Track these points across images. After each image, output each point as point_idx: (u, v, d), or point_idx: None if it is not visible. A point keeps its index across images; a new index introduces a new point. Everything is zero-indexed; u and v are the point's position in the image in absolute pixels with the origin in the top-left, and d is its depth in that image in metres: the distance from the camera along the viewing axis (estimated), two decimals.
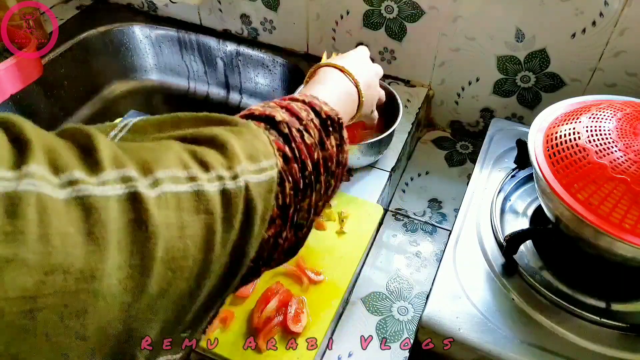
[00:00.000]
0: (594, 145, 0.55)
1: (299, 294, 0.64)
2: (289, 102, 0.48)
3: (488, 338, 0.57)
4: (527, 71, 0.85)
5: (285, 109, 0.46)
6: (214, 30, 1.09)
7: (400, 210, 0.86)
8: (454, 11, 0.84)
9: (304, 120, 0.46)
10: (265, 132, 0.41)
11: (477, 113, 0.95)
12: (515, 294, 0.60)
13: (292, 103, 0.47)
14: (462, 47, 0.87)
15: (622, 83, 0.80)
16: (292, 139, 0.43)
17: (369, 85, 0.62)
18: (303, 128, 0.45)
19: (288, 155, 0.41)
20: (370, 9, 0.90)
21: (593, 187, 0.53)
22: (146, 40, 1.13)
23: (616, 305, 0.60)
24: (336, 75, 0.59)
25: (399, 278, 0.76)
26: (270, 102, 0.48)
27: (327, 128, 0.48)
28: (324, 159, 0.46)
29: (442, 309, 0.59)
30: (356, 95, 0.59)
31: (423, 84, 0.96)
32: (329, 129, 0.48)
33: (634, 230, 0.51)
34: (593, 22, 0.75)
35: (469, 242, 0.66)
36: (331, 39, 0.98)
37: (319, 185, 0.45)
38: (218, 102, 1.15)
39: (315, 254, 0.68)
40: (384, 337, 0.69)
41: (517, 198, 0.72)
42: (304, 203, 0.43)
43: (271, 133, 0.42)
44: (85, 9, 1.14)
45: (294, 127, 0.44)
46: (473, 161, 0.94)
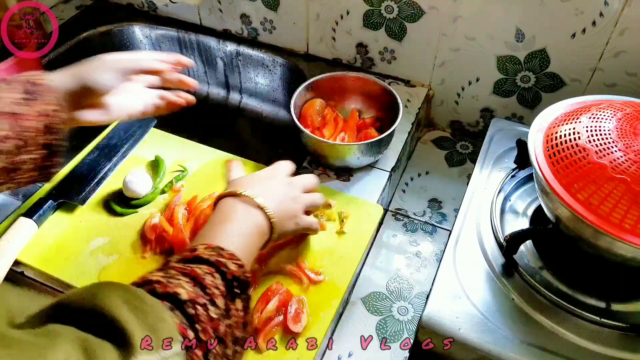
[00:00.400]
0: (594, 145, 0.55)
1: (299, 294, 0.64)
2: (193, 266, 0.46)
3: (488, 338, 0.57)
4: (527, 71, 0.85)
5: (189, 276, 0.45)
6: (214, 30, 1.09)
7: (400, 210, 0.86)
8: (454, 11, 0.84)
9: (209, 288, 0.44)
10: (169, 315, 0.39)
11: (477, 113, 0.95)
12: (515, 294, 0.60)
13: (196, 268, 0.46)
14: (462, 47, 0.87)
15: (622, 83, 0.80)
16: (198, 319, 0.41)
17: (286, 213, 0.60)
18: (208, 299, 0.43)
19: (191, 343, 0.40)
20: (370, 9, 0.90)
21: (593, 187, 0.53)
22: (146, 40, 1.13)
23: (616, 305, 0.60)
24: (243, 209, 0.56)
25: (399, 278, 0.76)
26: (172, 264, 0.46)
27: (233, 291, 0.47)
28: (229, 327, 0.44)
29: (442, 309, 0.59)
30: (267, 227, 0.57)
31: (423, 84, 0.96)
32: (235, 291, 0.47)
33: (634, 230, 0.51)
34: (593, 22, 0.75)
35: (469, 242, 0.66)
36: (331, 39, 0.98)
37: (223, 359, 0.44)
38: (218, 102, 1.15)
39: (315, 254, 0.68)
40: (384, 337, 0.69)
41: (517, 198, 0.72)
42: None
43: (176, 315, 0.40)
44: (85, 9, 1.14)
45: (198, 303, 0.42)
46: (473, 161, 0.94)
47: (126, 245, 0.69)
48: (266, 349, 0.58)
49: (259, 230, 0.56)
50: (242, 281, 0.48)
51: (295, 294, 0.63)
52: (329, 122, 0.85)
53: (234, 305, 0.46)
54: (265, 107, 1.12)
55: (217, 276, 0.46)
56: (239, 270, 0.48)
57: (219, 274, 0.47)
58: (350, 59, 1.00)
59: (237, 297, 0.47)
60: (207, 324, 0.42)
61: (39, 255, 0.68)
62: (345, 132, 0.83)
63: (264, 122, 1.12)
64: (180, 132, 0.88)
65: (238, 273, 0.48)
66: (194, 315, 0.41)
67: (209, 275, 0.46)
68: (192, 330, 0.40)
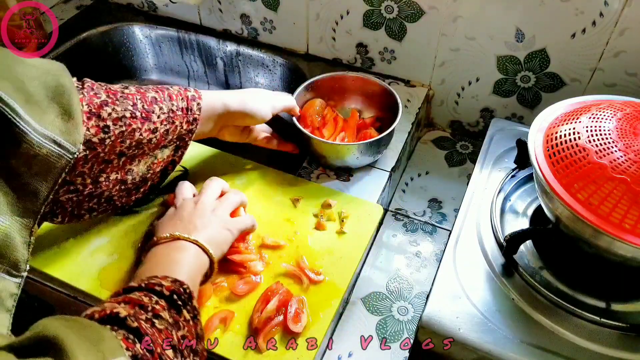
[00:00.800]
0: (594, 145, 0.55)
1: (299, 294, 0.64)
2: (124, 295, 0.46)
3: (488, 338, 0.57)
4: (527, 71, 0.85)
5: (124, 302, 0.44)
6: (214, 30, 1.09)
7: (400, 210, 0.86)
8: (454, 11, 0.84)
9: (149, 306, 0.44)
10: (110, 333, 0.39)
11: (477, 113, 0.95)
12: (515, 294, 0.60)
13: (128, 295, 0.46)
14: (462, 47, 0.87)
15: (622, 83, 0.80)
16: (144, 330, 0.41)
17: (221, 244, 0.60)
18: (151, 315, 0.43)
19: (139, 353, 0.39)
20: (370, 9, 0.90)
21: (593, 187, 0.53)
22: (146, 40, 1.13)
23: (616, 305, 0.60)
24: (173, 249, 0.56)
25: (399, 278, 0.76)
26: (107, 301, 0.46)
27: (176, 304, 0.47)
28: (183, 338, 0.44)
29: (442, 309, 0.59)
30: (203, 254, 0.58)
31: (423, 84, 0.96)
32: (178, 304, 0.47)
33: (633, 230, 0.51)
34: (593, 22, 0.75)
35: (469, 242, 0.66)
36: (331, 39, 0.98)
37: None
38: None
39: (315, 254, 0.68)
40: (384, 337, 0.69)
41: (517, 198, 0.72)
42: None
43: (118, 333, 0.40)
44: (85, 9, 1.14)
45: (140, 318, 0.42)
46: (473, 161, 0.94)
47: (126, 245, 0.69)
48: (266, 349, 0.58)
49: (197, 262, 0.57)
50: (181, 293, 0.48)
51: (295, 294, 0.63)
52: (328, 122, 0.85)
53: (182, 316, 0.46)
54: None
55: (152, 296, 0.46)
56: (174, 285, 0.48)
57: (154, 294, 0.47)
58: (350, 59, 1.00)
59: (183, 309, 0.47)
60: (156, 335, 0.42)
61: (39, 255, 0.68)
62: (345, 132, 0.83)
63: None
64: None
65: (175, 287, 0.48)
66: (138, 327, 0.41)
67: (145, 297, 0.46)
68: (140, 342, 0.40)
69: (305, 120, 0.83)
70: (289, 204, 0.74)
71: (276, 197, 0.75)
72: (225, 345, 0.59)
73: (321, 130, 0.83)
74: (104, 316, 0.42)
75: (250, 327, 0.60)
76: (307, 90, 0.85)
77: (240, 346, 0.59)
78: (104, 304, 0.45)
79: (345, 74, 0.87)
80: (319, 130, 0.83)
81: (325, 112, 0.86)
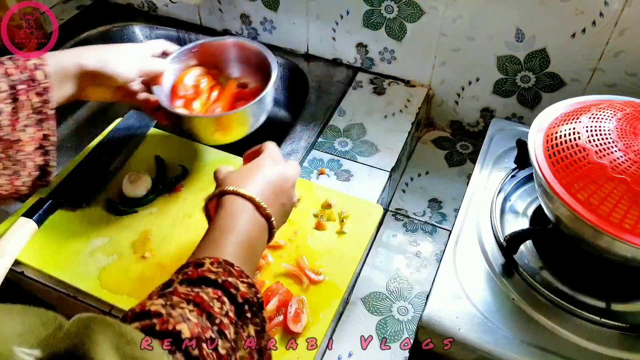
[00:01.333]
0: (594, 145, 0.55)
1: (299, 294, 0.64)
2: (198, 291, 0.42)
3: (488, 338, 0.57)
4: (527, 71, 0.85)
5: (194, 303, 0.40)
6: (214, 30, 1.09)
7: (400, 210, 0.86)
8: (454, 11, 0.84)
9: (217, 317, 0.40)
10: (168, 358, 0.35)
11: (477, 113, 0.95)
12: (515, 294, 0.60)
13: (201, 293, 0.41)
14: (462, 47, 0.87)
15: (622, 83, 0.80)
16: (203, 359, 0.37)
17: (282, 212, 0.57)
18: (217, 331, 0.39)
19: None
20: (370, 9, 0.90)
21: (593, 187, 0.53)
22: (146, 41, 1.12)
23: (616, 305, 0.60)
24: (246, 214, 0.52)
25: (399, 278, 0.76)
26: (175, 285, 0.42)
27: (244, 316, 0.43)
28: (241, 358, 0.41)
29: (442, 309, 0.59)
30: (266, 229, 0.54)
31: (423, 84, 0.96)
32: (246, 315, 0.43)
33: (633, 230, 0.51)
34: (593, 22, 0.75)
35: (469, 242, 0.66)
36: (331, 39, 0.98)
37: None
38: None
39: (315, 254, 0.68)
40: (384, 337, 0.69)
41: (517, 198, 0.72)
42: None
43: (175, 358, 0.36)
44: (85, 9, 1.14)
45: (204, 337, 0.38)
46: (473, 161, 0.94)
47: (126, 245, 0.69)
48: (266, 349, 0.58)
49: (263, 241, 0.54)
50: (254, 303, 0.44)
51: (295, 294, 0.63)
52: (202, 92, 0.76)
53: (245, 332, 0.43)
54: None
55: (225, 300, 0.42)
56: (250, 292, 0.44)
57: (228, 298, 0.43)
58: (350, 59, 1.00)
59: (250, 322, 0.43)
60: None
61: (39, 255, 0.68)
62: (219, 102, 0.76)
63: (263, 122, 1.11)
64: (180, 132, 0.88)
65: (249, 295, 0.44)
66: (198, 356, 0.37)
67: (217, 302, 0.41)
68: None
69: (177, 91, 0.75)
70: None
71: None
72: None
73: (191, 102, 0.75)
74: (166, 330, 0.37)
75: None
76: (187, 57, 0.78)
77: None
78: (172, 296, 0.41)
79: (225, 39, 0.80)
80: (189, 103, 0.75)
81: (200, 82, 0.77)
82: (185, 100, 0.75)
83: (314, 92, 0.96)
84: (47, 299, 0.73)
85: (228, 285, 0.43)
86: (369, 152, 0.85)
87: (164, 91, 0.74)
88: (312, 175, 0.81)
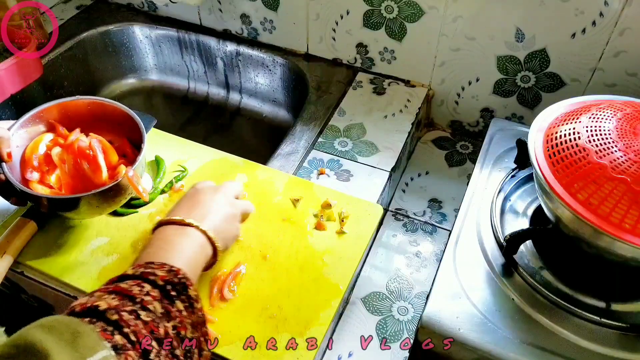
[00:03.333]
0: (594, 145, 0.55)
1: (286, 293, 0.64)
2: (117, 283, 0.46)
3: (488, 338, 0.57)
4: (527, 71, 0.85)
5: (114, 292, 0.44)
6: (214, 30, 1.09)
7: (400, 210, 0.86)
8: (454, 11, 0.84)
9: (138, 297, 0.44)
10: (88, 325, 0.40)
11: (477, 113, 0.95)
12: (515, 294, 0.60)
13: (120, 284, 0.46)
14: (462, 47, 0.87)
15: (622, 83, 0.80)
16: (125, 323, 0.41)
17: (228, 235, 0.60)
18: (139, 306, 0.43)
19: (119, 344, 0.39)
20: (370, 9, 0.90)
21: (593, 187, 0.53)
22: (146, 40, 1.13)
23: (616, 305, 0.60)
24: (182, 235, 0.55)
25: (399, 278, 0.76)
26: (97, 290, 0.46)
27: (169, 295, 0.46)
28: (174, 328, 0.44)
29: (442, 309, 0.59)
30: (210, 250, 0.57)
31: (423, 84, 0.96)
32: (171, 294, 0.47)
33: (633, 230, 0.51)
34: (593, 22, 0.75)
35: (469, 242, 0.66)
36: (331, 39, 0.98)
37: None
38: (218, 102, 1.15)
39: (315, 254, 0.68)
40: (384, 337, 0.69)
41: (517, 198, 0.72)
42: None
43: (96, 325, 0.40)
44: (85, 9, 1.14)
45: (124, 310, 0.42)
46: (473, 161, 0.94)
47: (126, 245, 0.69)
48: (266, 348, 0.59)
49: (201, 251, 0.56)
50: (176, 283, 0.48)
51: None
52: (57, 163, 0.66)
53: (175, 307, 0.46)
54: (265, 107, 1.12)
55: (145, 285, 0.46)
56: (169, 275, 0.48)
57: (148, 283, 0.46)
58: (350, 59, 1.00)
59: (176, 299, 0.47)
60: (140, 327, 0.42)
61: (39, 255, 0.68)
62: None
63: (264, 122, 1.12)
64: (180, 132, 0.88)
65: (169, 277, 0.47)
66: (118, 319, 0.41)
67: (136, 287, 0.45)
68: (120, 334, 0.40)
69: (31, 163, 0.65)
70: (289, 204, 0.74)
71: (276, 197, 0.75)
72: (225, 345, 0.59)
73: (45, 175, 0.66)
74: (85, 309, 0.42)
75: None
76: (35, 123, 0.67)
77: (240, 346, 0.59)
78: (92, 295, 0.45)
79: (78, 99, 0.69)
80: (47, 175, 0.67)
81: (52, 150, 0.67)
82: (41, 173, 0.66)
83: (314, 92, 0.96)
84: (47, 299, 0.73)
85: (146, 275, 0.47)
86: (369, 152, 0.85)
87: (15, 167, 0.64)
88: (312, 175, 0.81)
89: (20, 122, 0.66)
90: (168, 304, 0.46)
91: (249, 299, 0.63)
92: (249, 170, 0.79)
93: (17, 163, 0.65)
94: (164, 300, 0.46)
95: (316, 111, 0.92)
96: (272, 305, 0.63)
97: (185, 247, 0.54)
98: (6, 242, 0.67)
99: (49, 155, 0.67)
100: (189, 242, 0.55)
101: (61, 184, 0.66)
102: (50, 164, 0.67)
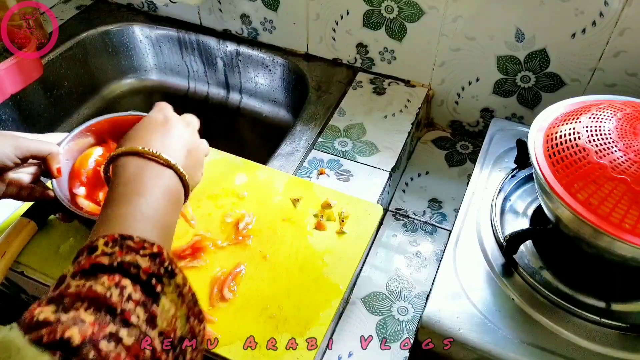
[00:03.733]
0: (594, 145, 0.55)
1: None
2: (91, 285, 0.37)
3: (488, 338, 0.57)
4: (527, 71, 0.85)
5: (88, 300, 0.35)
6: (214, 30, 1.09)
7: (400, 210, 0.86)
8: (454, 11, 0.84)
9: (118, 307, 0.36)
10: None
11: (477, 113, 0.95)
12: (515, 294, 0.60)
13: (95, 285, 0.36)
14: (462, 47, 0.87)
15: (622, 83, 0.80)
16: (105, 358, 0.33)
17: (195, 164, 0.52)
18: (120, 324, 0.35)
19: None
20: (370, 9, 0.90)
21: (593, 187, 0.53)
22: (146, 40, 1.13)
23: (616, 305, 0.60)
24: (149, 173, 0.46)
25: (399, 278, 0.76)
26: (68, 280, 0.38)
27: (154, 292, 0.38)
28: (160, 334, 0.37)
29: (442, 309, 0.59)
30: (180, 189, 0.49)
31: (423, 84, 0.96)
32: (156, 291, 0.38)
33: (633, 230, 0.51)
34: (593, 22, 0.75)
35: (469, 242, 0.66)
36: (331, 39, 0.98)
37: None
38: (218, 102, 1.15)
39: (315, 254, 0.68)
40: (384, 337, 0.69)
41: (517, 198, 0.72)
42: None
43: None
44: (85, 9, 1.14)
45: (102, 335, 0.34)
46: (473, 161, 0.94)
47: None
48: (266, 348, 0.59)
49: (172, 197, 0.47)
50: (162, 274, 0.39)
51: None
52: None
53: (159, 306, 0.38)
54: (265, 107, 1.12)
55: (125, 284, 0.37)
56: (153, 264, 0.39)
57: (129, 278, 0.38)
58: (350, 59, 1.00)
59: (162, 295, 0.39)
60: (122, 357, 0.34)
61: (39, 255, 0.68)
62: None
63: (264, 122, 1.12)
64: None
65: (153, 268, 0.39)
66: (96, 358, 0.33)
67: (115, 289, 0.37)
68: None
69: (80, 178, 0.64)
70: (289, 204, 0.74)
71: (276, 197, 0.75)
72: (225, 345, 0.59)
73: (97, 189, 0.64)
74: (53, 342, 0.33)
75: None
76: (85, 136, 0.66)
77: (240, 346, 0.59)
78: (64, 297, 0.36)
79: (130, 114, 0.66)
80: (95, 190, 0.65)
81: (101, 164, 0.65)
82: (89, 187, 0.64)
83: (314, 92, 0.96)
84: None
85: (126, 266, 0.38)
86: (369, 152, 0.85)
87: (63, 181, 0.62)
88: (312, 175, 0.81)
89: (71, 136, 0.64)
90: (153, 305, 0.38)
91: (249, 299, 0.63)
92: (249, 170, 0.79)
93: (65, 176, 0.64)
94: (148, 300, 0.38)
95: (316, 111, 0.92)
96: (272, 305, 0.63)
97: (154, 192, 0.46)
98: (6, 242, 0.67)
99: (97, 171, 0.65)
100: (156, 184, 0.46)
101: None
102: (100, 180, 0.64)
